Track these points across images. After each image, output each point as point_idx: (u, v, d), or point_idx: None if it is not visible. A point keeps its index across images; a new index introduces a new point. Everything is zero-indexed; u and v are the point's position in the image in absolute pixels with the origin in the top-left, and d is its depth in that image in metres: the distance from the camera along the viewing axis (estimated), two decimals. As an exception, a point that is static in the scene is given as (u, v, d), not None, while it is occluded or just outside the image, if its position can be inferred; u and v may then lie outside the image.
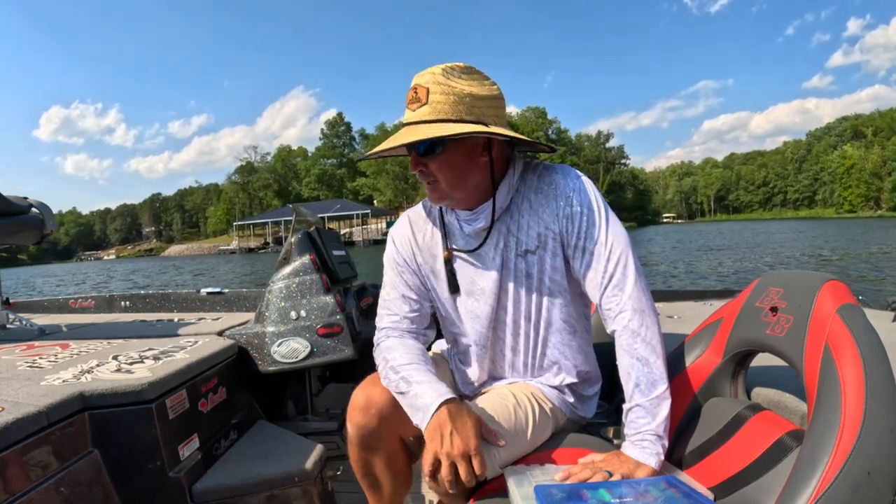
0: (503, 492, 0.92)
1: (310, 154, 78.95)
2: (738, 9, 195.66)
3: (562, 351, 1.09)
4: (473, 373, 1.17)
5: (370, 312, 2.26)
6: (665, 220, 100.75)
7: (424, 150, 0.94)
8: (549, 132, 73.16)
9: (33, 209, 2.04)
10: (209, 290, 2.61)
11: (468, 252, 1.05)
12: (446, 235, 1.09)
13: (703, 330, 1.05)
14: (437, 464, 0.88)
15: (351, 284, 2.29)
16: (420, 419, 0.92)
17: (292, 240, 1.99)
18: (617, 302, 0.96)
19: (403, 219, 1.15)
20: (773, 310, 0.88)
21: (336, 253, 2.17)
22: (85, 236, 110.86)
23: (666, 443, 0.92)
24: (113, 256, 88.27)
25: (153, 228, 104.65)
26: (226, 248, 60.16)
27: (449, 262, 1.08)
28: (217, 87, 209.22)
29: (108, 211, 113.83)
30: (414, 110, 0.93)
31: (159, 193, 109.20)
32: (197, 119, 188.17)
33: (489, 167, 0.98)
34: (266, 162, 79.01)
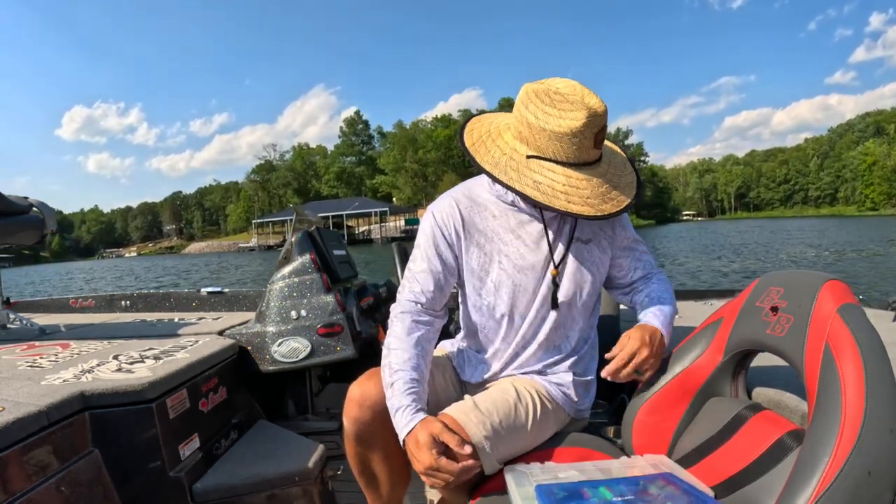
0: (503, 491, 0.92)
1: (329, 152, 79.12)
2: (761, 4, 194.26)
3: (580, 341, 1.16)
4: (484, 360, 1.19)
5: (371, 312, 2.26)
6: (685, 217, 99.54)
7: None
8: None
9: (33, 209, 2.03)
10: (209, 289, 2.61)
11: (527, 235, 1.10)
12: (492, 220, 1.12)
13: (703, 330, 1.05)
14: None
15: (351, 284, 2.29)
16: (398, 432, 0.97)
17: (292, 239, 1.99)
18: (648, 273, 1.19)
19: (447, 198, 1.15)
20: (774, 309, 0.88)
21: (336, 252, 2.17)
22: (106, 234, 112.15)
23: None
24: (134, 254, 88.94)
25: (174, 226, 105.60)
26: (245, 245, 60.61)
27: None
28: (238, 86, 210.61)
29: (129, 209, 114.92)
30: (599, 149, 0.98)
31: (180, 192, 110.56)
32: (218, 117, 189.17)
33: None
34: (285, 160, 79.33)
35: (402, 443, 0.96)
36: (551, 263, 1.09)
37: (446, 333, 1.28)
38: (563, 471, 0.92)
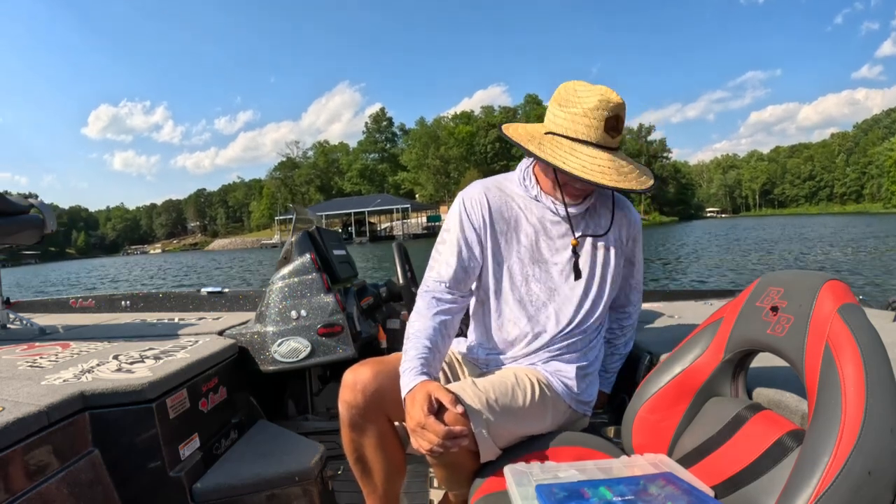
0: (504, 490, 0.92)
1: (351, 149, 79.47)
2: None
3: (594, 339, 1.20)
4: (491, 347, 1.21)
5: (371, 312, 2.26)
6: (709, 214, 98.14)
7: None
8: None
9: (34, 209, 2.03)
10: (210, 289, 2.61)
11: (556, 232, 1.17)
12: (522, 213, 1.19)
13: (703, 330, 1.05)
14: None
15: (351, 284, 2.29)
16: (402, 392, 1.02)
17: (292, 239, 1.99)
18: (633, 306, 1.37)
19: (478, 186, 1.22)
20: (774, 309, 0.88)
21: (336, 252, 2.17)
22: (131, 231, 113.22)
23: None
24: (159, 250, 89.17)
25: (198, 223, 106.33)
26: (268, 241, 61.00)
27: (574, 250, 1.18)
28: (263, 83, 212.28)
29: (153, 206, 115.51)
30: (613, 137, 1.05)
31: (204, 189, 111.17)
32: (243, 115, 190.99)
33: None
34: (307, 158, 79.81)
35: (403, 401, 1.00)
36: (573, 264, 1.17)
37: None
38: (563, 470, 0.92)
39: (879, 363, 0.69)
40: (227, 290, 2.60)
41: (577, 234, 1.17)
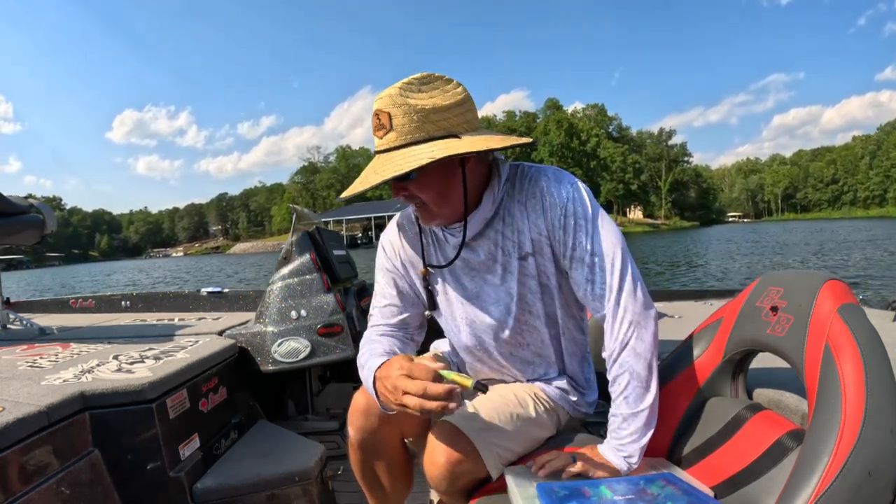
0: (504, 491, 0.92)
1: (371, 154, 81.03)
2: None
3: (561, 350, 1.10)
4: (476, 373, 1.17)
5: (370, 312, 2.26)
6: (730, 218, 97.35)
7: (402, 176, 0.87)
8: (610, 129, 72.67)
9: (34, 209, 2.04)
10: (210, 289, 2.61)
11: (456, 260, 1.02)
12: (428, 249, 1.08)
13: (703, 330, 1.05)
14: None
15: (351, 284, 2.30)
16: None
17: (293, 239, 1.99)
18: (613, 313, 0.94)
19: (392, 225, 1.14)
20: (774, 309, 0.88)
21: (336, 252, 2.17)
22: (154, 234, 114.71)
23: (643, 448, 0.92)
24: (181, 254, 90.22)
25: (220, 227, 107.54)
26: None
27: (426, 279, 1.07)
28: (286, 88, 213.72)
29: (176, 210, 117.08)
30: (381, 137, 0.88)
31: (226, 193, 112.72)
32: (266, 120, 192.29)
33: (463, 182, 0.94)
34: (329, 163, 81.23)
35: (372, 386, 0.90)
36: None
37: (440, 332, 1.28)
38: (564, 470, 0.92)
39: (879, 363, 0.69)
40: (226, 290, 2.61)
41: (441, 259, 1.04)
